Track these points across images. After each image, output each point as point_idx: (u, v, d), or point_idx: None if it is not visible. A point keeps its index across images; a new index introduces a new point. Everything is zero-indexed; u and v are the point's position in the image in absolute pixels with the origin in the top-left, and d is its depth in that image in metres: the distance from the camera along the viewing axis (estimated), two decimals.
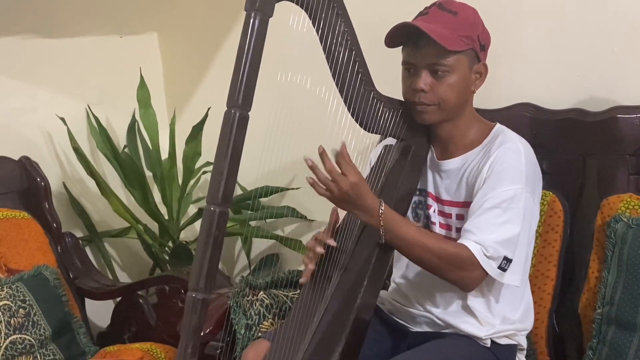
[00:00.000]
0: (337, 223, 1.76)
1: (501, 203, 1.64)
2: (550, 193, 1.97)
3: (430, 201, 1.81)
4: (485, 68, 1.75)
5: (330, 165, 1.57)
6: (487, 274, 1.62)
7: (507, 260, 1.63)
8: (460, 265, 1.61)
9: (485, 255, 1.60)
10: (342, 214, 1.83)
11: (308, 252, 1.74)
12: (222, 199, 1.44)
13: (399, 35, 1.72)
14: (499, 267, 1.62)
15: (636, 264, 1.79)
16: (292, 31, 1.62)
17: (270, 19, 1.48)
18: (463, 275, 1.63)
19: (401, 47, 1.76)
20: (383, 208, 1.61)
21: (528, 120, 2.06)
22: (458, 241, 1.65)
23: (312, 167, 1.56)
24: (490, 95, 1.95)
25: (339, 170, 1.57)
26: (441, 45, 1.65)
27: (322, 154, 1.56)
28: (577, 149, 2.02)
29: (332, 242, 1.70)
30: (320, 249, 1.70)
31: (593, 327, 1.85)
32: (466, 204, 1.71)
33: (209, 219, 1.44)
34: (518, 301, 1.78)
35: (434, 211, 1.80)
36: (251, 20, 1.44)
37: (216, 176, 1.45)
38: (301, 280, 1.75)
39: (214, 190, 1.45)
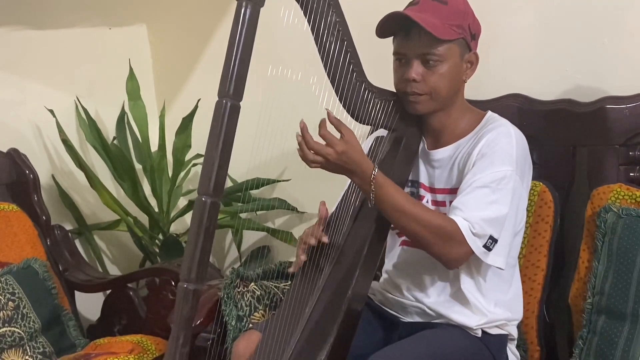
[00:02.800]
0: (327, 217, 1.75)
1: (490, 183, 1.64)
2: (540, 184, 1.97)
3: (422, 192, 1.82)
4: (476, 57, 1.76)
5: (314, 144, 1.58)
6: (472, 251, 1.62)
7: (493, 240, 1.63)
8: (446, 238, 1.62)
9: (471, 231, 1.61)
10: (331, 208, 1.83)
11: (301, 244, 1.74)
12: (213, 190, 1.44)
13: (389, 26, 1.72)
14: (484, 246, 1.63)
15: (626, 254, 1.80)
16: (283, 22, 1.61)
17: (262, 9, 1.47)
18: (448, 250, 1.63)
19: (392, 37, 1.76)
20: (375, 172, 1.61)
21: (518, 111, 2.07)
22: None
23: (300, 144, 1.57)
24: (480, 86, 1.95)
25: (325, 144, 1.58)
26: (432, 35, 1.65)
27: (303, 129, 1.57)
28: (567, 139, 2.02)
29: (325, 239, 1.70)
30: (313, 241, 1.70)
31: (583, 316, 1.85)
32: (458, 190, 1.71)
33: (200, 209, 1.44)
34: (506, 287, 1.79)
35: (427, 201, 1.80)
36: (242, 10, 1.44)
37: (207, 166, 1.45)
38: (290, 269, 1.75)
39: (205, 181, 1.44)
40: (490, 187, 1.64)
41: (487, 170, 1.65)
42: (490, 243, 1.63)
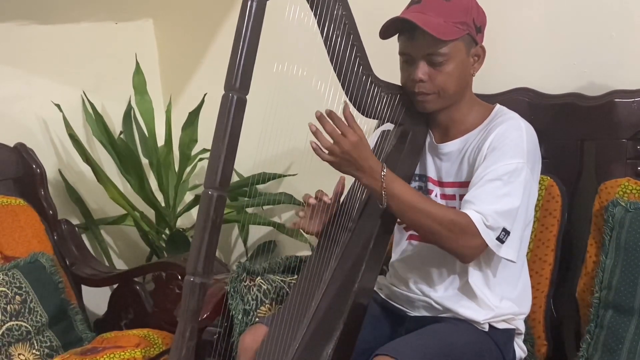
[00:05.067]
0: (342, 193, 1.76)
1: (502, 176, 1.64)
2: (548, 178, 1.97)
3: (431, 186, 1.81)
4: (483, 50, 1.75)
5: (330, 127, 1.57)
6: (486, 244, 1.62)
7: (506, 232, 1.63)
8: (459, 232, 1.61)
9: (485, 224, 1.61)
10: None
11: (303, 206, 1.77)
12: (219, 183, 1.44)
13: (393, 28, 1.72)
14: (497, 239, 1.62)
15: (634, 248, 1.79)
16: (289, 17, 1.61)
17: (268, 3, 1.47)
18: (462, 244, 1.63)
19: (397, 35, 1.75)
20: (385, 171, 1.61)
21: (526, 105, 2.06)
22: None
23: (315, 133, 1.57)
24: (488, 80, 1.94)
25: (340, 132, 1.58)
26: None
27: (321, 117, 1.56)
28: (574, 133, 2.01)
29: (326, 199, 1.72)
30: (312, 200, 1.73)
31: (591, 311, 1.85)
32: (468, 184, 1.71)
33: (206, 202, 1.44)
34: (515, 279, 1.78)
35: (436, 195, 1.80)
36: (249, 3, 1.44)
37: (214, 160, 1.45)
38: (289, 224, 1.77)
39: (212, 174, 1.44)
40: (502, 179, 1.64)
41: (498, 163, 1.65)
42: (504, 235, 1.63)
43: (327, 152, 1.59)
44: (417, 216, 1.64)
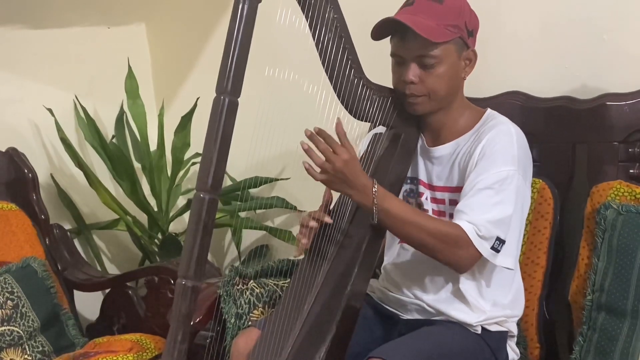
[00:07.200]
0: (330, 202, 1.75)
1: (494, 184, 1.64)
2: (540, 181, 1.97)
3: (422, 189, 1.81)
4: (475, 54, 1.75)
5: (323, 146, 1.57)
6: (480, 254, 1.62)
7: (500, 241, 1.63)
8: (453, 244, 1.61)
9: (478, 234, 1.60)
10: (335, 196, 1.82)
11: (302, 228, 1.73)
12: (211, 186, 1.44)
13: (384, 29, 1.72)
14: (492, 248, 1.62)
15: (626, 251, 1.79)
16: (281, 20, 1.61)
17: (260, 7, 1.47)
18: (456, 255, 1.62)
19: (390, 37, 1.75)
20: (376, 187, 1.61)
21: (518, 109, 2.06)
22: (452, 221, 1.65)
23: (308, 151, 1.56)
24: (480, 83, 1.95)
25: (332, 150, 1.58)
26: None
27: (312, 136, 1.56)
28: (566, 136, 2.02)
29: (328, 219, 1.70)
30: (314, 223, 1.70)
31: (583, 313, 1.85)
32: (458, 189, 1.71)
33: (198, 205, 1.44)
34: (508, 286, 1.78)
35: (426, 198, 1.80)
36: (240, 5, 1.44)
37: (205, 163, 1.44)
38: (295, 253, 1.75)
39: (204, 177, 1.44)
40: (494, 188, 1.64)
41: (489, 171, 1.65)
42: (498, 244, 1.63)
43: (319, 170, 1.59)
44: (409, 230, 1.64)
